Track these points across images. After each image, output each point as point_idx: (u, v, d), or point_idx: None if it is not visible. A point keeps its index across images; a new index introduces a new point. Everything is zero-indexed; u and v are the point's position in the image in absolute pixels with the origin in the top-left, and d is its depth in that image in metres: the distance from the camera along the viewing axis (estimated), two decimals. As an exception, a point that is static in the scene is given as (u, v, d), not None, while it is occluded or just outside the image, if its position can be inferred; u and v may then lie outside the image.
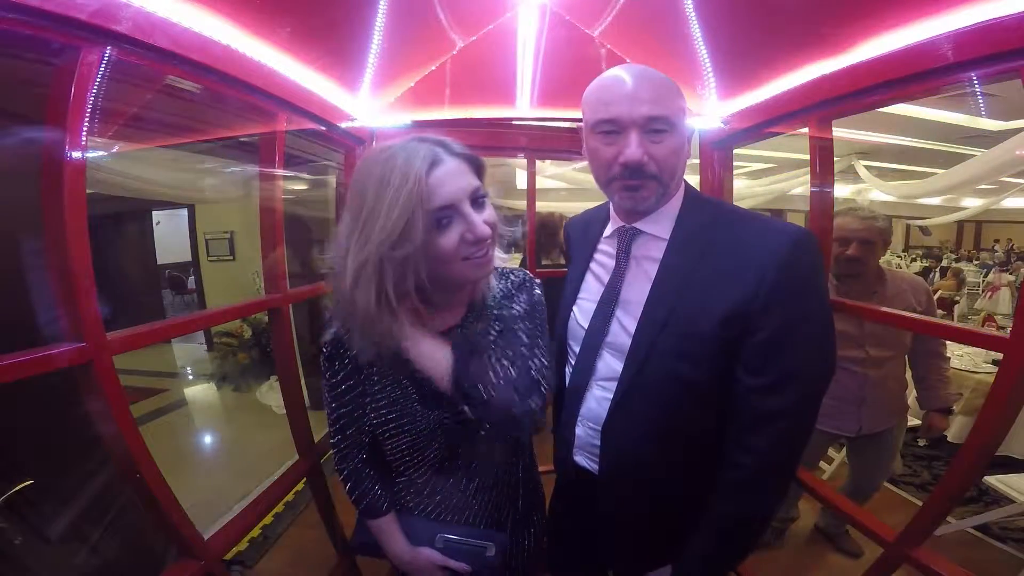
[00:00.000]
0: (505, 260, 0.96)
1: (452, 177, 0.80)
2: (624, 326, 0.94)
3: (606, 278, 1.00)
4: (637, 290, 0.94)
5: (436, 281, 0.83)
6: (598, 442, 0.97)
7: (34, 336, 0.81)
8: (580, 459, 1.03)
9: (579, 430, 1.01)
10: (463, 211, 0.80)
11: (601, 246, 1.05)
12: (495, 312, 0.97)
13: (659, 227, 0.95)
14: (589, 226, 1.11)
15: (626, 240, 0.98)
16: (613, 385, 0.94)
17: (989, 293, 7.69)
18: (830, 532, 2.34)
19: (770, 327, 0.82)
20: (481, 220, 0.81)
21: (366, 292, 0.79)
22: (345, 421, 0.98)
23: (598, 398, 0.97)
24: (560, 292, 1.13)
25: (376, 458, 1.00)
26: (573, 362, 1.02)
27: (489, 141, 1.71)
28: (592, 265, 1.06)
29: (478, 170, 0.85)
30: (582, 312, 1.03)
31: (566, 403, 1.03)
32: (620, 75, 0.88)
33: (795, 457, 0.90)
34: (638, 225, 0.96)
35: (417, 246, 0.76)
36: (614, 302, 0.96)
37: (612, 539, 1.02)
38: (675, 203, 0.95)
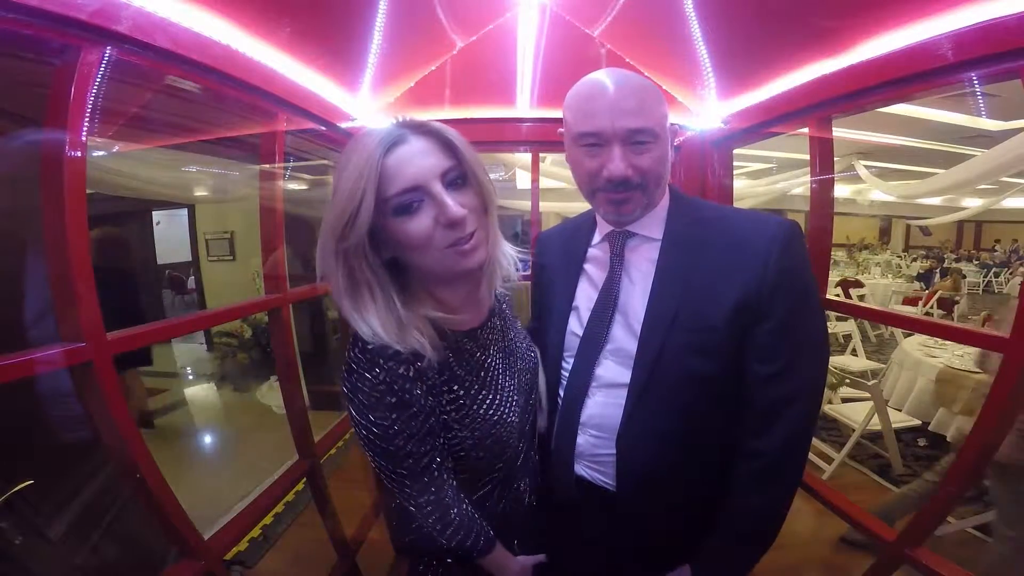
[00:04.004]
0: (514, 256, 0.93)
1: (416, 157, 0.73)
2: (627, 330, 0.93)
3: (600, 285, 0.98)
4: (636, 293, 0.93)
5: (433, 277, 0.81)
6: (604, 451, 0.94)
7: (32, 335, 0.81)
8: (580, 471, 0.98)
9: (580, 439, 0.97)
10: (432, 192, 0.73)
11: (591, 252, 1.03)
12: (502, 309, 0.97)
13: (650, 228, 0.95)
14: (572, 237, 1.08)
15: (618, 244, 0.97)
16: (618, 392, 0.92)
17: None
18: (862, 543, 2.24)
19: (777, 314, 0.84)
20: (456, 202, 0.74)
21: (336, 286, 0.74)
22: (440, 457, 0.79)
23: (601, 403, 0.94)
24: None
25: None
26: (567, 373, 1.00)
27: (492, 135, 1.71)
28: (583, 274, 1.03)
29: (451, 148, 0.76)
30: (579, 322, 1.00)
31: (562, 413, 0.99)
32: (602, 84, 0.86)
33: (809, 440, 0.92)
34: (629, 228, 0.95)
35: (364, 234, 0.71)
36: (612, 308, 0.95)
37: (629, 550, 0.99)
38: (663, 204, 0.95)
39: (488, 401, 0.85)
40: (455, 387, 0.81)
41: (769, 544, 0.92)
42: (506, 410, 0.87)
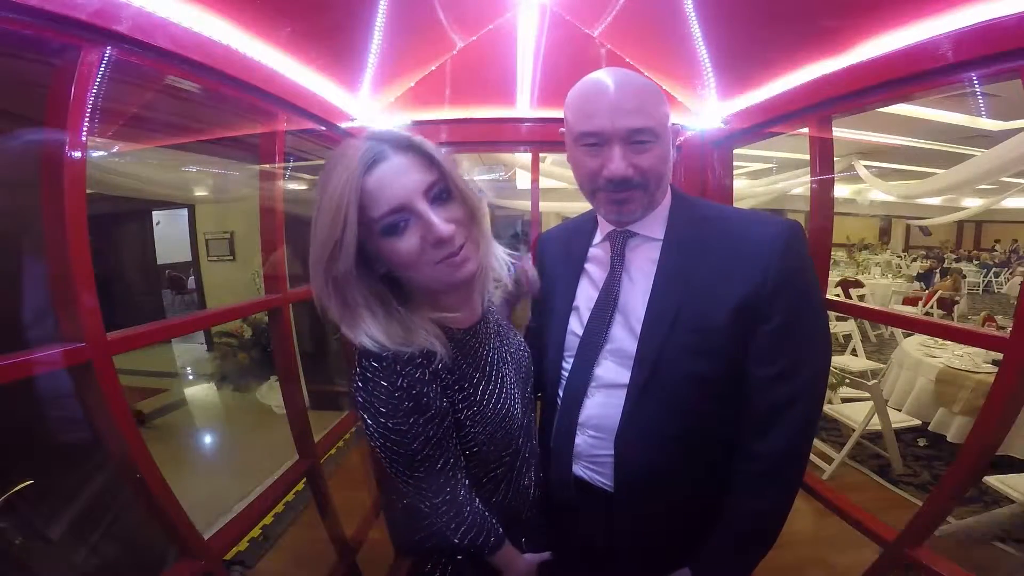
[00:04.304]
0: (506, 259, 0.94)
1: (397, 175, 0.71)
2: (627, 330, 0.92)
3: (601, 285, 0.98)
4: (636, 293, 0.93)
5: (429, 287, 0.80)
6: (603, 452, 0.94)
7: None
8: (579, 471, 0.98)
9: (579, 439, 0.97)
10: (418, 210, 0.72)
11: (592, 252, 1.03)
12: (492, 308, 0.97)
13: (651, 228, 0.94)
14: (572, 237, 1.08)
15: (619, 244, 0.96)
16: (617, 392, 0.92)
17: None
18: None
19: (779, 314, 0.84)
20: (442, 218, 0.73)
21: (332, 309, 0.74)
22: (454, 458, 0.81)
23: (600, 404, 0.94)
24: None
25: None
26: (567, 373, 1.00)
27: (492, 135, 1.71)
28: (584, 274, 1.03)
29: (432, 162, 0.75)
30: (579, 321, 1.00)
31: (561, 413, 0.99)
32: (602, 83, 0.86)
33: (810, 442, 0.91)
34: (630, 227, 0.95)
35: (352, 258, 0.70)
36: (612, 307, 0.94)
37: (628, 551, 0.98)
38: (664, 204, 0.95)
39: (496, 395, 0.86)
40: (465, 384, 0.83)
41: (769, 546, 0.91)
42: (510, 402, 0.88)
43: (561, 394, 1.00)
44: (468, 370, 0.84)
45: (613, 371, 0.93)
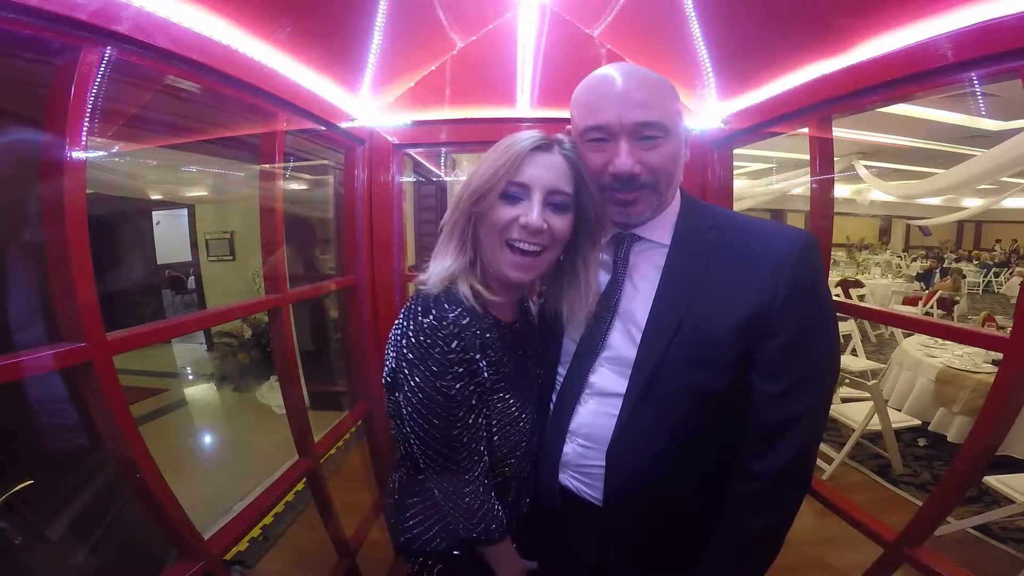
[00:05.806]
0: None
1: (543, 165, 0.82)
2: (627, 338, 0.89)
3: (603, 288, 0.95)
4: (638, 300, 0.89)
5: (488, 265, 0.86)
6: (592, 463, 0.90)
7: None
8: (565, 480, 0.94)
9: (568, 447, 0.92)
10: (532, 197, 0.81)
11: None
12: (528, 314, 1.01)
13: (659, 233, 0.91)
14: None
15: (624, 247, 0.93)
16: (611, 401, 0.88)
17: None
18: None
19: (788, 331, 0.80)
20: (545, 218, 0.81)
21: (449, 234, 0.85)
22: (484, 445, 0.85)
23: (593, 412, 0.90)
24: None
25: None
26: (560, 378, 0.97)
27: (492, 135, 1.71)
28: None
29: (577, 180, 0.85)
30: None
31: (551, 419, 0.96)
32: (609, 76, 0.83)
33: (813, 462, 0.88)
34: (637, 231, 0.92)
35: (487, 208, 0.81)
36: (611, 313, 0.91)
37: (614, 565, 0.94)
38: (673, 208, 0.92)
39: (519, 392, 0.90)
40: (501, 368, 0.87)
41: (768, 565, 0.88)
42: (530, 408, 0.93)
43: (554, 399, 0.97)
44: (504, 358, 0.88)
45: (609, 379, 0.90)
